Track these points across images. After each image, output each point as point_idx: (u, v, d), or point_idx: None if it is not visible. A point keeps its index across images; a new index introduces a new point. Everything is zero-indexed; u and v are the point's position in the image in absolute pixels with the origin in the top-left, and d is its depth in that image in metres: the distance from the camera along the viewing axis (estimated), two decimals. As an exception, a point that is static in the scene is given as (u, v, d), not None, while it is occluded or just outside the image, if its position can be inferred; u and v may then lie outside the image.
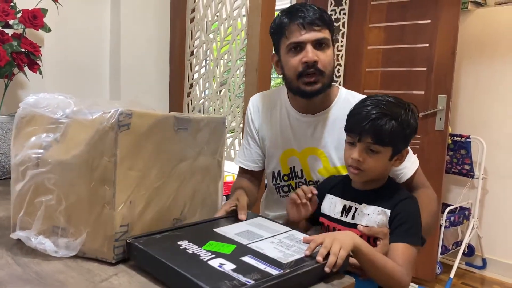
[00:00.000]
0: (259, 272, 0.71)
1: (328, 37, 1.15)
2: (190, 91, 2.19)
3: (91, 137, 0.80)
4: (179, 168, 0.94)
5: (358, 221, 1.03)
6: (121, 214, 0.80)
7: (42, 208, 0.83)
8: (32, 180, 0.84)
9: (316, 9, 1.15)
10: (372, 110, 0.99)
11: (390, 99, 1.03)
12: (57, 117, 0.84)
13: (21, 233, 0.84)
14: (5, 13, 1.37)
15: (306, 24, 1.12)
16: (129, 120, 0.80)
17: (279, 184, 1.33)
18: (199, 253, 0.77)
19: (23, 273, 0.75)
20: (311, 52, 1.12)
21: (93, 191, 0.80)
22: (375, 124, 0.98)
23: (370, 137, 0.99)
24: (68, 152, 0.82)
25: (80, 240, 0.81)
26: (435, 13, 2.37)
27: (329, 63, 1.16)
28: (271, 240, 0.87)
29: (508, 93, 2.74)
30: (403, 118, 1.00)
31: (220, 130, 1.05)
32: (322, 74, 1.14)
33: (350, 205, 1.07)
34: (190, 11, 2.14)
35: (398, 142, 1.02)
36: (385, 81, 2.60)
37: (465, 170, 2.75)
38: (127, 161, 0.81)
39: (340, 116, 1.17)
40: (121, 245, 0.81)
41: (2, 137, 1.42)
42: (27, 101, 0.87)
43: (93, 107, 0.83)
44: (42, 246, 0.82)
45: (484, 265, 2.83)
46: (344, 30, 2.71)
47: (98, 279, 0.74)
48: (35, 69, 1.51)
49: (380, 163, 1.02)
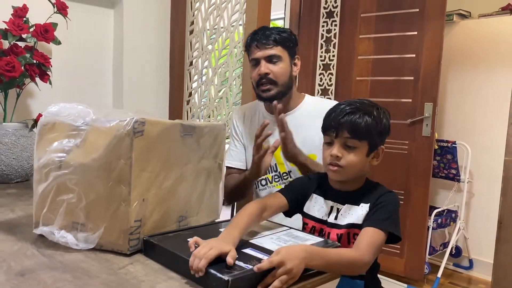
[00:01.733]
0: (257, 260, 0.81)
1: (279, 53, 1.41)
2: (189, 99, 2.29)
3: (109, 142, 0.89)
4: (185, 170, 1.04)
5: (341, 221, 1.07)
6: (135, 210, 0.90)
7: (64, 205, 0.93)
8: (55, 181, 0.93)
9: (272, 32, 1.42)
10: (347, 107, 1.07)
11: (363, 100, 1.11)
12: (78, 125, 0.94)
13: (45, 228, 0.94)
14: (19, 27, 1.47)
15: (260, 44, 1.41)
16: (142, 127, 0.90)
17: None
18: None
19: (49, 262, 0.85)
20: (263, 66, 1.41)
21: (110, 190, 0.90)
22: (350, 119, 1.04)
23: (346, 131, 1.05)
24: (88, 156, 0.92)
25: (98, 234, 0.91)
26: (421, 25, 2.50)
27: (282, 74, 1.42)
28: (270, 236, 0.97)
29: (492, 100, 2.87)
30: (375, 115, 1.07)
31: (221, 136, 1.15)
32: (275, 83, 1.42)
33: (333, 206, 1.11)
34: (189, 23, 2.25)
35: (374, 137, 1.07)
36: (375, 89, 2.72)
37: (452, 174, 2.87)
38: (140, 163, 0.90)
39: (304, 116, 1.46)
40: (135, 238, 0.91)
41: (15, 143, 1.52)
42: (50, 110, 0.96)
43: (109, 116, 0.93)
44: (64, 239, 0.92)
45: (471, 265, 2.94)
46: (336, 41, 2.84)
47: (116, 267, 0.84)
48: (46, 79, 1.61)
49: (358, 158, 1.06)
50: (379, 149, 1.11)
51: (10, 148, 1.50)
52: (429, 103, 2.51)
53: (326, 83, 2.89)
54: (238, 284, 0.72)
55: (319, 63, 2.92)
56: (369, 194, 1.08)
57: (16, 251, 0.89)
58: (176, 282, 0.78)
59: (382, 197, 1.06)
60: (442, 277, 2.71)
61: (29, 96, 1.78)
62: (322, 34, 2.90)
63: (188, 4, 2.25)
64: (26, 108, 1.78)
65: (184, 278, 0.80)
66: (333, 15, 2.84)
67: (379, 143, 1.10)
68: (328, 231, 1.09)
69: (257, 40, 1.42)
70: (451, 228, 2.90)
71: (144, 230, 0.93)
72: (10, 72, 1.42)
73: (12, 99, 1.60)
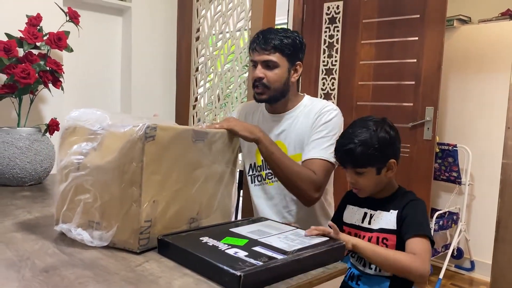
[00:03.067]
0: (267, 256, 0.85)
1: (276, 60, 1.43)
2: (196, 104, 2.35)
3: (123, 146, 0.93)
4: (196, 174, 1.07)
5: (373, 225, 1.22)
6: (145, 211, 0.94)
7: (81, 205, 0.97)
8: (73, 181, 0.98)
9: (274, 37, 1.41)
10: (343, 142, 1.20)
11: (362, 125, 1.20)
12: (95, 129, 0.98)
13: (64, 225, 0.99)
14: (34, 36, 1.53)
15: (258, 48, 1.43)
16: (154, 133, 0.94)
17: (254, 174, 1.57)
18: (218, 245, 0.92)
19: (70, 260, 0.90)
20: (258, 70, 1.44)
21: (123, 191, 0.94)
22: (348, 155, 1.18)
23: (349, 165, 1.20)
24: (103, 158, 0.96)
25: (112, 232, 0.95)
26: (422, 31, 2.55)
27: (276, 80, 1.44)
28: (278, 236, 1.02)
29: (492, 104, 2.91)
30: (371, 141, 1.16)
31: (234, 142, 1.19)
32: (268, 88, 1.44)
33: (366, 212, 1.26)
34: (195, 30, 2.31)
35: (375, 161, 1.18)
36: (376, 93, 2.77)
37: (453, 177, 2.91)
38: (151, 166, 0.94)
39: (300, 117, 1.50)
40: (145, 238, 0.95)
41: (29, 147, 1.57)
42: (71, 116, 1.02)
43: (125, 121, 0.97)
44: (80, 236, 0.97)
45: (473, 267, 2.98)
46: (338, 46, 2.89)
47: (133, 265, 0.89)
48: (58, 85, 1.67)
49: (370, 180, 1.21)
50: (389, 163, 1.21)
51: (24, 152, 1.56)
52: (430, 107, 2.55)
53: (329, 88, 2.94)
54: (249, 279, 0.77)
55: (322, 68, 2.97)
56: (398, 201, 1.22)
57: (38, 250, 0.94)
58: (191, 279, 0.83)
59: (410, 204, 1.19)
60: (444, 279, 2.75)
61: (41, 102, 1.84)
62: (324, 40, 2.96)
63: (194, 11, 2.31)
64: (39, 113, 1.84)
65: (197, 274, 0.84)
66: (336, 21, 2.90)
67: (385, 160, 1.20)
68: (363, 235, 1.23)
69: (256, 43, 1.44)
70: (452, 230, 2.94)
71: (155, 230, 0.97)
72: (25, 79, 1.48)
73: (25, 104, 1.66)
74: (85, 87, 2.07)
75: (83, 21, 1.78)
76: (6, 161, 1.52)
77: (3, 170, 1.53)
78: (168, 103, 2.37)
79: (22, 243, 0.98)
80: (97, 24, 2.11)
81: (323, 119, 1.44)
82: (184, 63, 2.35)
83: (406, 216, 1.17)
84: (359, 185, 1.22)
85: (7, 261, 0.86)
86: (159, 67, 2.31)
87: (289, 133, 1.50)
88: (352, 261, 1.31)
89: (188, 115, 2.37)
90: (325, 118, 1.44)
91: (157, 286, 0.78)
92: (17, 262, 0.86)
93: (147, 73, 2.25)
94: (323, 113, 1.45)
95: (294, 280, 0.84)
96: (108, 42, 2.18)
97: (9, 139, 1.53)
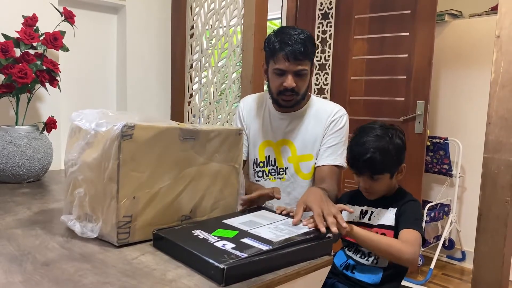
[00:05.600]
0: (253, 248, 0.88)
1: (307, 68, 1.42)
2: (190, 101, 2.39)
3: (104, 144, 0.98)
4: (187, 172, 1.08)
5: (373, 221, 1.30)
6: (124, 206, 0.97)
7: (77, 198, 1.03)
8: (71, 176, 1.04)
9: (302, 40, 1.37)
10: (360, 151, 1.25)
11: (375, 133, 1.26)
12: (88, 129, 1.03)
13: (65, 216, 1.06)
14: (30, 36, 1.56)
15: (291, 57, 1.37)
16: (131, 131, 0.96)
17: (256, 169, 1.60)
18: (208, 238, 0.95)
19: (69, 254, 0.94)
20: (290, 80, 1.40)
21: (105, 187, 0.98)
22: (367, 164, 1.24)
23: (367, 173, 1.26)
24: (90, 156, 1.01)
25: (99, 225, 1.00)
26: (413, 26, 2.59)
27: (305, 86, 1.46)
28: (268, 226, 1.05)
29: (482, 98, 2.93)
30: (388, 148, 1.24)
31: (236, 140, 1.18)
32: (297, 95, 1.45)
33: (366, 209, 1.33)
34: (189, 28, 2.34)
35: (392, 167, 1.27)
36: (369, 88, 2.81)
37: (444, 170, 2.97)
38: (130, 164, 0.97)
39: (309, 117, 1.53)
40: (125, 232, 0.98)
41: (27, 145, 1.61)
42: (74, 116, 1.07)
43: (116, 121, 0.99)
44: (74, 227, 1.03)
45: (464, 257, 3.05)
46: (331, 42, 2.93)
47: (130, 258, 0.93)
48: (55, 84, 1.70)
49: (384, 185, 1.29)
50: (400, 168, 1.30)
51: (22, 150, 1.59)
52: (421, 101, 2.60)
53: (322, 83, 2.98)
54: (233, 272, 0.80)
55: (315, 63, 3.01)
56: (397, 200, 1.29)
57: (38, 245, 0.99)
58: (184, 270, 0.88)
59: (407, 204, 1.28)
60: (435, 269, 2.81)
61: (38, 100, 1.87)
62: (317, 35, 2.99)
63: (188, 8, 2.34)
64: (36, 111, 1.88)
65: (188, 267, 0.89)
66: (328, 17, 2.93)
67: (399, 165, 1.29)
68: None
69: (287, 51, 1.37)
70: (444, 222, 2.99)
71: (136, 225, 1.00)
72: (22, 78, 1.51)
73: (23, 103, 1.69)
74: (82, 86, 2.11)
75: (78, 20, 1.80)
76: (5, 159, 1.56)
77: (2, 168, 1.57)
78: (163, 100, 2.40)
79: (22, 239, 1.02)
80: (92, 23, 2.14)
81: (336, 126, 1.51)
82: (178, 60, 2.38)
83: (403, 213, 1.26)
84: (373, 190, 1.29)
85: (9, 255, 0.91)
86: (154, 65, 2.34)
87: (299, 134, 1.53)
88: (348, 253, 1.37)
89: (183, 112, 2.41)
90: (338, 125, 1.51)
91: (152, 278, 0.83)
92: (18, 256, 0.91)
93: (142, 70, 2.28)
94: (335, 119, 1.51)
95: (281, 270, 0.88)
96: (103, 41, 2.21)
97: (7, 137, 1.57)
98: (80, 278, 0.81)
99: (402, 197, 1.31)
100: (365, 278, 1.30)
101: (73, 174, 1.04)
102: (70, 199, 1.05)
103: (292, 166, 1.54)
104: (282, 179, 1.55)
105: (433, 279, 2.75)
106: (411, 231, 1.21)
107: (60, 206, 1.30)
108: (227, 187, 1.19)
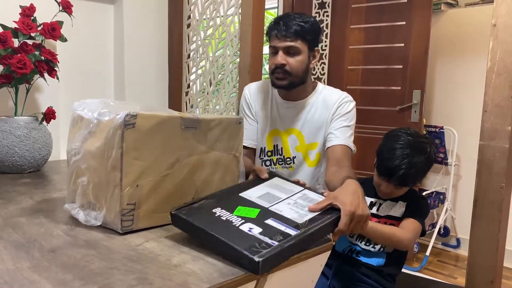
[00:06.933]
0: (281, 233, 0.88)
1: (298, 46, 1.43)
2: (188, 91, 2.39)
3: (107, 133, 0.99)
4: (189, 160, 1.09)
5: (381, 212, 1.36)
6: (127, 194, 0.98)
7: (80, 187, 1.04)
8: (74, 165, 1.05)
9: (293, 23, 1.41)
10: (398, 165, 1.26)
11: (413, 146, 1.28)
12: (90, 118, 1.05)
13: (69, 205, 1.07)
14: (29, 27, 1.56)
15: (280, 35, 1.42)
16: (134, 120, 0.97)
17: (263, 158, 1.60)
18: (231, 219, 0.95)
19: (74, 241, 0.96)
20: (280, 57, 1.43)
21: (108, 175, 0.99)
22: (399, 178, 1.27)
23: (396, 183, 1.30)
24: (93, 145, 1.02)
25: (103, 213, 1.02)
26: (409, 15, 2.60)
27: (297, 66, 1.45)
28: (287, 201, 1.05)
29: (478, 87, 2.97)
30: (423, 166, 1.29)
31: (237, 129, 1.20)
32: (289, 74, 1.44)
33: (376, 201, 1.38)
34: (186, 17, 2.34)
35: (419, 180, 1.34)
36: (366, 77, 2.83)
37: (440, 158, 3.00)
38: (132, 152, 0.98)
39: (316, 105, 1.53)
40: (128, 219, 0.99)
41: (27, 135, 1.61)
42: (76, 106, 1.08)
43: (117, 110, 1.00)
44: (78, 215, 1.04)
45: (458, 244, 3.09)
46: (328, 31, 2.93)
47: (134, 244, 0.95)
48: (53, 74, 1.70)
49: (404, 191, 1.36)
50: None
51: (22, 140, 1.60)
52: (417, 91, 2.62)
53: (319, 72, 2.99)
54: (266, 263, 0.80)
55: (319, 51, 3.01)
56: (407, 196, 1.36)
57: (44, 233, 1.00)
58: (188, 255, 0.90)
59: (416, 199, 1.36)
60: (431, 256, 2.86)
61: (37, 91, 1.87)
62: (314, 25, 2.99)
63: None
64: (35, 102, 1.88)
65: (195, 251, 0.91)
66: (325, 6, 2.94)
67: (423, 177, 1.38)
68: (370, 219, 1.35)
69: (277, 29, 1.42)
70: (439, 209, 3.04)
71: (139, 212, 1.01)
72: (21, 69, 1.51)
73: (22, 94, 1.69)
74: (80, 76, 2.11)
75: (75, 10, 1.80)
76: (6, 149, 1.56)
77: (3, 158, 1.57)
78: (161, 90, 2.41)
79: (27, 227, 1.04)
80: (90, 13, 2.13)
81: (344, 109, 1.50)
82: (176, 50, 2.38)
83: (411, 206, 1.33)
84: (393, 195, 1.34)
85: (15, 243, 0.92)
86: (151, 55, 2.34)
87: (306, 122, 1.54)
88: (351, 239, 1.41)
89: (181, 102, 2.41)
90: (345, 109, 1.50)
91: (157, 263, 0.85)
92: (25, 243, 0.92)
93: (140, 60, 2.28)
94: (342, 103, 1.51)
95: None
96: (100, 31, 2.20)
97: (7, 128, 1.58)
98: (87, 264, 0.83)
99: (412, 193, 1.38)
100: (370, 261, 1.35)
101: (76, 163, 1.05)
102: (73, 188, 1.06)
103: (301, 155, 1.55)
104: (290, 168, 1.57)
105: (428, 266, 2.80)
106: (413, 220, 1.29)
107: (62, 196, 1.32)
108: (227, 175, 1.21)
